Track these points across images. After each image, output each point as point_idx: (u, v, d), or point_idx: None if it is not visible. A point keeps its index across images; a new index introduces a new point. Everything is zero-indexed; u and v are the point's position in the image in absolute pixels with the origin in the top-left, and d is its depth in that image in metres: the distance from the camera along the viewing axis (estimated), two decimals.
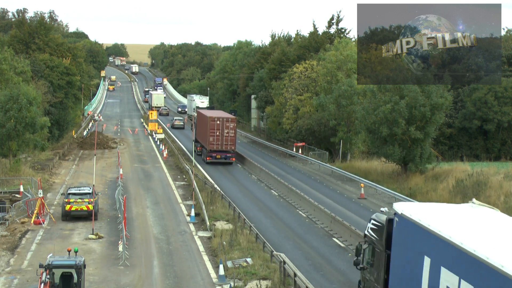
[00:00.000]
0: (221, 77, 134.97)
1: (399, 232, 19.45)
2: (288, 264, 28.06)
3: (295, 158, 70.78)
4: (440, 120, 53.20)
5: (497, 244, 15.45)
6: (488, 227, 17.63)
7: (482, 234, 16.41)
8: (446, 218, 18.09)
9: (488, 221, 18.34)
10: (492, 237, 16.36)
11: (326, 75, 73.44)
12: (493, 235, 16.62)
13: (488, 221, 18.40)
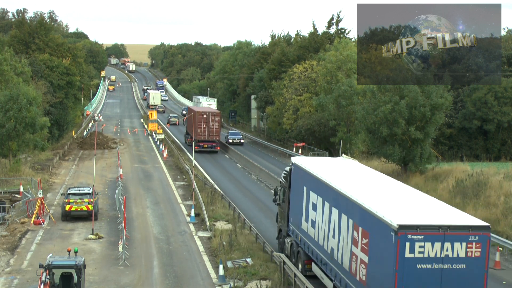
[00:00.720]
0: (221, 77, 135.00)
1: (294, 174, 30.72)
2: (288, 264, 28.05)
3: None
4: (440, 120, 53.18)
5: (340, 177, 26.30)
6: (341, 168, 28.99)
7: (335, 171, 27.60)
8: (317, 164, 29.26)
9: (344, 166, 29.72)
10: (339, 173, 27.51)
11: (326, 75, 73.44)
12: (341, 172, 27.81)
13: (344, 166, 29.84)
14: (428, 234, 19.54)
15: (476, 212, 40.69)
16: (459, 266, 19.74)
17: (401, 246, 19.34)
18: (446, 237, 19.64)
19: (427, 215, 21.01)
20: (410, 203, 22.69)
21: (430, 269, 19.57)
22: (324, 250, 25.50)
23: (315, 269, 27.26)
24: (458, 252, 19.72)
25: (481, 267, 19.75)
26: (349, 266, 22.70)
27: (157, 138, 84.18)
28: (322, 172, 26.89)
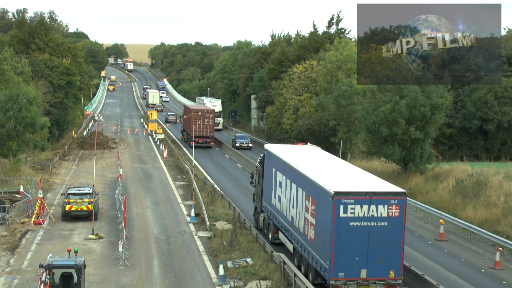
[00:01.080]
0: (221, 77, 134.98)
1: (266, 159, 36.44)
2: (288, 264, 28.06)
3: None
4: (440, 120, 53.19)
5: (300, 159, 31.84)
6: (303, 153, 34.64)
7: (297, 155, 33.15)
8: (284, 150, 35.23)
9: (305, 151, 35.59)
10: (300, 156, 32.97)
11: (326, 75, 73.42)
12: (302, 156, 33.31)
13: (306, 151, 35.72)
14: (357, 198, 25.08)
15: (476, 212, 40.75)
16: (382, 223, 25.25)
17: (336, 208, 24.86)
18: (372, 201, 25.14)
19: (359, 184, 26.96)
20: (348, 176, 29.05)
21: (360, 225, 25.14)
22: (286, 219, 31.64)
23: (281, 236, 33.43)
24: (381, 212, 25.20)
25: (399, 224, 25.30)
26: (303, 229, 28.66)
27: (157, 138, 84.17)
28: (287, 156, 32.92)
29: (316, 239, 26.82)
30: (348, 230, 25.02)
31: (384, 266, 25.46)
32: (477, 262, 32.99)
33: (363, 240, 25.14)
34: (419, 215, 43.91)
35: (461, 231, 39.21)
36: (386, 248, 25.30)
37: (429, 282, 26.48)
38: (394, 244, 25.41)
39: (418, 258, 33.14)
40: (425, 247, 35.65)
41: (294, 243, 30.36)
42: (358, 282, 25.46)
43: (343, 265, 25.19)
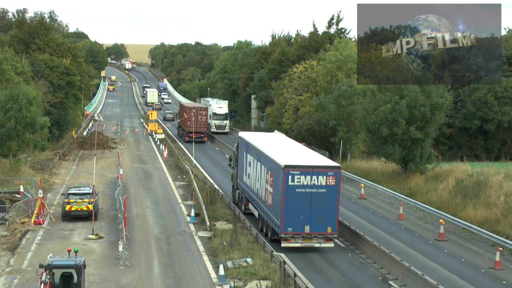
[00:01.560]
0: (221, 77, 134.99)
1: (240, 144, 43.20)
2: (288, 264, 28.07)
3: None
4: (440, 120, 53.19)
5: (264, 143, 38.75)
6: (268, 138, 42.40)
7: (263, 140, 40.22)
8: (253, 136, 42.99)
9: (270, 137, 43.57)
10: (265, 141, 40.07)
11: (326, 75, 73.42)
12: (266, 140, 40.66)
13: (271, 137, 44.09)
14: (302, 170, 32.33)
15: (476, 212, 40.75)
16: (321, 190, 32.41)
17: (286, 178, 32.10)
18: (313, 173, 32.35)
19: (304, 159, 34.43)
20: (298, 154, 37.01)
21: (304, 192, 32.39)
22: (253, 192, 38.56)
23: (250, 206, 40.00)
24: (321, 181, 32.33)
25: (335, 191, 32.46)
26: (264, 197, 35.77)
27: (157, 138, 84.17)
28: (254, 140, 40.12)
29: (272, 204, 34.25)
30: (295, 195, 32.34)
31: (323, 224, 32.70)
32: (477, 262, 32.99)
33: (306, 203, 32.42)
34: (419, 215, 43.92)
35: (461, 231, 39.21)
36: (325, 209, 32.55)
37: (429, 282, 26.52)
38: (331, 207, 32.59)
39: (418, 258, 33.15)
40: (425, 247, 35.66)
41: (259, 210, 37.48)
42: (303, 235, 32.88)
43: (291, 222, 32.54)
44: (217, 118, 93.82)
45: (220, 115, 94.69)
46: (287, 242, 32.96)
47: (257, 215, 38.25)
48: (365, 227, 39.19)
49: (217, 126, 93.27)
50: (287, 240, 32.96)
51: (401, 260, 29.75)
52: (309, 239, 32.98)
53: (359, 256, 33.21)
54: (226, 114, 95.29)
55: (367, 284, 29.06)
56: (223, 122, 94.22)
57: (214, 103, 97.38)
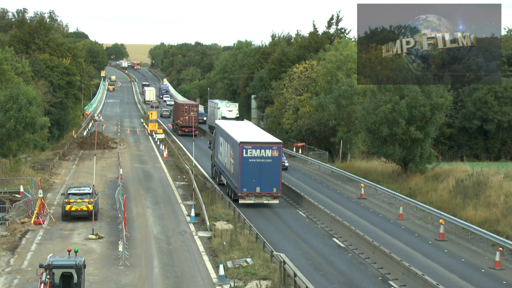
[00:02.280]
0: (221, 77, 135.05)
1: (216, 130, 54.69)
2: (288, 264, 28.06)
3: (295, 158, 70.78)
4: (440, 120, 53.19)
5: (232, 127, 50.70)
6: (236, 124, 55.11)
7: (231, 125, 52.54)
8: (225, 123, 54.52)
9: (238, 123, 57.24)
10: (233, 126, 52.27)
11: (326, 75, 73.45)
12: (235, 125, 53.06)
13: (239, 123, 57.82)
14: (253, 145, 43.31)
15: (476, 212, 40.75)
16: (268, 160, 43.42)
17: (241, 151, 43.18)
18: (262, 147, 43.32)
19: (256, 137, 45.94)
20: (253, 134, 48.35)
21: (255, 161, 43.35)
22: (223, 165, 49.63)
23: (222, 178, 50.68)
24: (268, 154, 43.26)
25: (278, 161, 43.52)
26: (229, 168, 46.82)
27: (157, 138, 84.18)
28: (225, 126, 51.31)
29: (233, 172, 45.38)
30: (248, 164, 43.43)
31: (270, 185, 43.67)
32: (477, 262, 32.99)
33: (257, 170, 43.47)
34: (419, 215, 43.93)
35: (461, 231, 39.21)
36: (271, 175, 43.47)
37: (429, 282, 26.53)
38: (276, 173, 43.58)
39: (418, 258, 33.16)
40: (425, 247, 35.66)
41: (226, 178, 48.82)
42: (255, 194, 43.93)
43: (246, 185, 43.60)
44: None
45: (230, 119, 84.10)
46: (243, 200, 44.01)
47: (225, 183, 49.27)
48: (365, 227, 39.20)
49: None
50: (243, 198, 43.98)
51: (401, 260, 29.76)
52: (260, 197, 44.19)
53: (359, 256, 33.22)
54: (237, 118, 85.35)
55: (367, 284, 29.06)
56: None
57: (223, 106, 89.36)
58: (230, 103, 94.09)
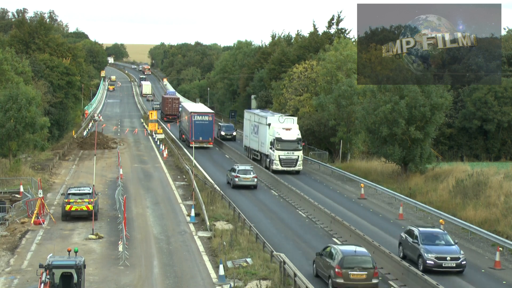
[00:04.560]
0: (221, 77, 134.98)
1: (182, 108, 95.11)
2: (288, 264, 28.05)
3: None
4: (440, 120, 53.20)
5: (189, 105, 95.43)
6: (193, 104, 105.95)
7: (190, 104, 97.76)
8: (187, 103, 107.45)
9: (195, 104, 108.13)
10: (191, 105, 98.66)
11: (326, 75, 73.44)
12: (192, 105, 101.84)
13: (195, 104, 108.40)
14: (199, 113, 74.77)
15: (476, 212, 40.75)
16: (206, 122, 73.95)
17: (192, 117, 73.03)
18: (202, 115, 74.46)
19: (199, 109, 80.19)
20: (199, 108, 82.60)
21: (199, 123, 73.14)
22: (184, 127, 77.70)
23: (184, 137, 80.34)
24: (206, 118, 74.17)
25: (212, 122, 74.58)
26: (187, 129, 76.50)
27: (157, 138, 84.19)
28: (186, 104, 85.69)
29: (188, 129, 72.99)
30: (196, 124, 71.57)
31: (207, 137, 74.13)
32: (477, 262, 32.99)
33: (200, 127, 72.30)
34: (419, 215, 43.93)
35: (461, 231, 39.21)
36: (208, 131, 73.87)
37: (430, 283, 26.55)
38: (211, 130, 74.16)
39: None
40: None
41: (185, 135, 77.31)
42: (199, 141, 72.44)
43: (194, 136, 69.93)
44: (283, 146, 58.44)
45: (289, 142, 58.76)
46: (192, 144, 62.26)
47: (185, 139, 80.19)
48: (365, 227, 39.20)
49: (284, 160, 58.44)
50: (192, 143, 64.41)
51: (401, 260, 29.77)
52: (201, 142, 74.16)
53: None
54: (298, 140, 58.99)
55: None
56: (293, 154, 58.71)
57: (275, 120, 61.52)
58: (285, 116, 63.73)
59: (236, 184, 51.43)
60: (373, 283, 26.99)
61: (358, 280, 26.75)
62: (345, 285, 26.69)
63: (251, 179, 51.45)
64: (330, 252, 28.01)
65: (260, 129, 64.07)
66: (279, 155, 58.50)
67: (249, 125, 69.10)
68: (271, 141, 59.69)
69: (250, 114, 69.87)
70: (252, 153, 67.14)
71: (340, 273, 26.64)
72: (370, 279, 26.81)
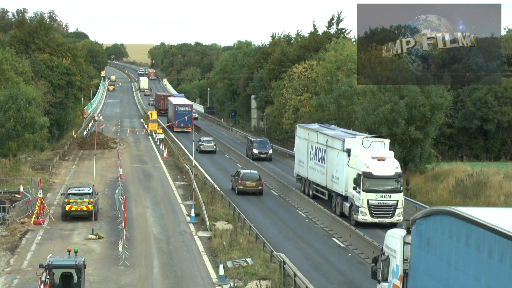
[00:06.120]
0: (221, 77, 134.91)
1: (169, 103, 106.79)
2: (288, 264, 28.06)
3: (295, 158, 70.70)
4: (440, 120, 53.20)
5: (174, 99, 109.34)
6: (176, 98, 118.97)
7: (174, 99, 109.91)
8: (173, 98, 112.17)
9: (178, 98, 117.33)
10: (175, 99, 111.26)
11: (326, 75, 73.40)
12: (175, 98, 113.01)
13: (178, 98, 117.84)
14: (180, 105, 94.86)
15: None
16: (186, 110, 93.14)
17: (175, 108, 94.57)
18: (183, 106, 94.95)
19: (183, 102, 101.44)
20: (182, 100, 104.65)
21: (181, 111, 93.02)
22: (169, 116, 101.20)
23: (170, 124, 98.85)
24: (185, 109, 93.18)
25: (190, 112, 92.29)
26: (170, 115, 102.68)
27: (157, 138, 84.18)
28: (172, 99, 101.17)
29: (173, 119, 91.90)
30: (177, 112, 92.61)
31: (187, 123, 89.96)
32: None
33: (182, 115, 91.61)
34: None
35: None
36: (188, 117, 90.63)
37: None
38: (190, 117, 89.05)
39: None
40: None
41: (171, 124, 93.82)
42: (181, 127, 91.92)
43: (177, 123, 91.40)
44: (374, 185, 39.35)
45: (384, 179, 39.71)
46: (175, 129, 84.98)
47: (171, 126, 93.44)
48: (365, 227, 39.17)
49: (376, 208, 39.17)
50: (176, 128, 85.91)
51: None
52: (183, 128, 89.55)
53: (359, 256, 33.22)
54: (398, 175, 39.95)
55: (367, 284, 29.03)
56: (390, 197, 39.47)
57: (357, 144, 42.30)
58: (371, 138, 43.27)
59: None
60: (259, 189, 49.02)
61: (250, 186, 48.76)
62: (243, 190, 48.70)
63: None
64: (238, 172, 51.06)
65: (330, 156, 44.28)
66: (368, 199, 38.86)
67: (305, 147, 49.43)
68: (354, 177, 39.85)
69: (308, 132, 49.84)
70: (311, 187, 48.15)
71: (241, 183, 48.89)
72: (257, 186, 48.93)
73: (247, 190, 48.93)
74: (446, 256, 16.52)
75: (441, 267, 16.76)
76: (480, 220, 14.99)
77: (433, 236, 17.44)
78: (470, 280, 15.10)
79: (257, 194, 49.16)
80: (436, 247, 17.20)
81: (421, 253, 18.14)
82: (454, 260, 16.03)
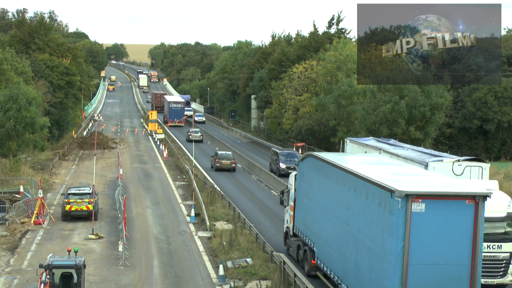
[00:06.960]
0: (221, 77, 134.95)
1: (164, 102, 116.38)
2: (288, 264, 28.06)
3: None
4: (440, 120, 53.25)
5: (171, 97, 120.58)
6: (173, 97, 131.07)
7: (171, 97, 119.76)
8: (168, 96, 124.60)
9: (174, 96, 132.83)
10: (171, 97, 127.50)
11: (326, 75, 73.44)
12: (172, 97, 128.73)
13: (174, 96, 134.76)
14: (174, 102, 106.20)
15: None
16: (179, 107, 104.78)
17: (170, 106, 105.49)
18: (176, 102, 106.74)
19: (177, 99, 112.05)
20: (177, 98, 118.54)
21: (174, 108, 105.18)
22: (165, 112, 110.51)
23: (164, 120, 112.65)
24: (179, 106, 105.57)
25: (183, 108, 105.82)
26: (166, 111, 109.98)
27: (157, 138, 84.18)
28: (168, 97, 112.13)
29: (168, 114, 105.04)
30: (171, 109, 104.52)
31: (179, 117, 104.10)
32: None
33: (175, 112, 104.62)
34: None
35: None
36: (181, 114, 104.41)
37: None
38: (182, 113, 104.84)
39: None
40: None
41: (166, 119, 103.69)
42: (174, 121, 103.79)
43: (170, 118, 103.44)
44: None
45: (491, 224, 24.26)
46: (169, 123, 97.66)
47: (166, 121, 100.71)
48: None
49: None
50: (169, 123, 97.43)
51: None
52: (176, 122, 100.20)
53: None
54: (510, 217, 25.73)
55: None
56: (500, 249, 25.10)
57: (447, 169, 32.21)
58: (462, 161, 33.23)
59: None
60: (233, 166, 60.27)
61: (226, 164, 60.21)
62: (220, 167, 60.11)
63: None
64: (216, 153, 62.98)
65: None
66: None
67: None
68: None
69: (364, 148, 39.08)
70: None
71: (218, 161, 60.35)
72: (231, 164, 60.23)
73: (223, 167, 61.01)
74: (311, 181, 28.34)
75: (309, 188, 28.58)
76: (326, 159, 26.34)
77: (305, 170, 29.11)
78: (319, 193, 27.00)
79: (231, 171, 60.95)
80: (307, 177, 28.89)
81: (300, 182, 29.76)
82: (315, 183, 27.76)
